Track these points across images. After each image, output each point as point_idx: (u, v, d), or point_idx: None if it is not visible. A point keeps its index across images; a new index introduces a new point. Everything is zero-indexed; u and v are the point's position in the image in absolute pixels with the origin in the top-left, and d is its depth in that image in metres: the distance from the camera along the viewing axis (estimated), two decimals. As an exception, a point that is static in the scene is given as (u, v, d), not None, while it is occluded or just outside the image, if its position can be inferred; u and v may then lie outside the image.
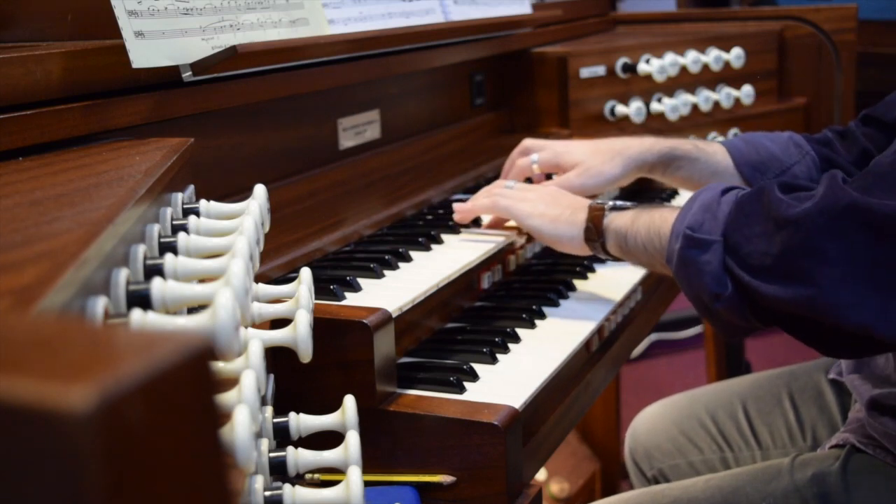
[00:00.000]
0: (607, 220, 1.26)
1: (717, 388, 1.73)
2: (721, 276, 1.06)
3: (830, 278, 0.98)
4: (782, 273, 1.01)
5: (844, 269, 0.97)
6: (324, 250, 1.27)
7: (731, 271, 1.05)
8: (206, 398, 0.37)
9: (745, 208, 1.07)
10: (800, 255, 1.00)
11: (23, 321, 0.41)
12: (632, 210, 1.25)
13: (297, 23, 1.34)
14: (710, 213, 1.09)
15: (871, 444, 1.28)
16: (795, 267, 1.00)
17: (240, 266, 0.66)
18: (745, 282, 1.04)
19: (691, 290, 1.10)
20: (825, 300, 0.98)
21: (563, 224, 1.30)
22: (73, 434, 0.31)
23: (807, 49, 2.25)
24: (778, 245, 1.01)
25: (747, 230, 1.05)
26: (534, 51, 2.02)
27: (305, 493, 0.73)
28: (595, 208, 1.28)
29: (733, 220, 1.06)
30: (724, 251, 1.06)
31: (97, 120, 1.04)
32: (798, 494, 1.27)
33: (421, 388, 1.08)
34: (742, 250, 1.04)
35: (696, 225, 1.08)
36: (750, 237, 1.04)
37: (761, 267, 1.02)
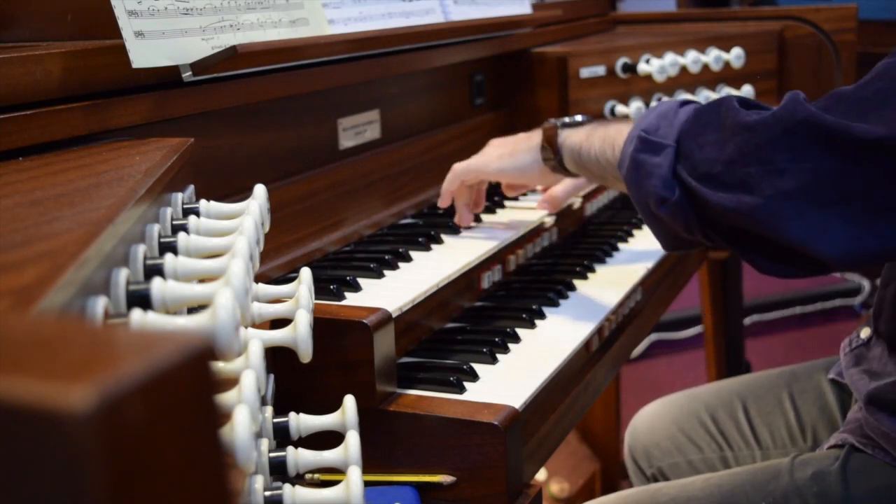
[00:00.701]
0: (561, 137, 1.29)
1: (717, 386, 1.73)
2: (670, 181, 1.07)
3: (776, 189, 0.98)
4: (730, 181, 1.02)
5: (791, 182, 0.97)
6: (324, 250, 1.27)
7: (680, 177, 1.06)
8: (206, 398, 0.37)
9: (703, 118, 1.08)
10: (749, 163, 1.00)
11: (23, 321, 0.41)
12: (586, 125, 1.29)
13: (297, 23, 1.34)
14: (667, 119, 1.11)
15: (870, 444, 1.28)
16: (743, 175, 1.01)
17: (240, 266, 0.66)
18: (693, 188, 1.05)
19: (639, 193, 1.12)
20: (768, 211, 0.99)
21: (520, 153, 1.35)
22: (73, 434, 0.31)
23: (807, 49, 2.25)
24: (729, 151, 1.02)
25: (701, 138, 1.06)
26: (534, 51, 2.02)
27: (305, 493, 0.73)
28: (548, 127, 1.32)
29: (689, 127, 1.08)
30: (675, 156, 1.07)
31: (97, 120, 1.04)
32: (798, 494, 1.27)
33: (421, 388, 1.08)
34: (694, 157, 1.06)
35: (651, 129, 1.10)
36: (703, 144, 1.05)
37: (710, 174, 1.04)
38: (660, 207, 1.08)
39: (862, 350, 1.34)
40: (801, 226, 0.98)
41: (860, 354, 1.35)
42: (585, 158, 1.24)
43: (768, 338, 3.66)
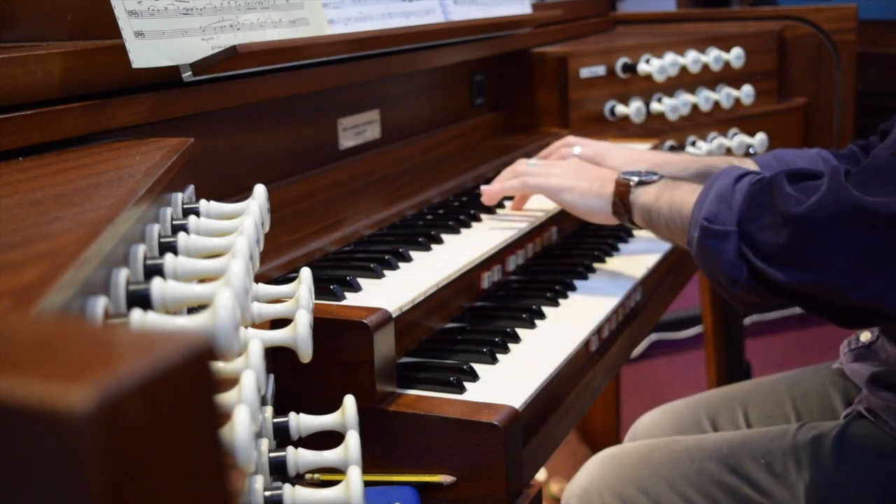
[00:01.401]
0: (633, 196, 1.34)
1: (718, 393, 1.73)
2: (737, 263, 1.14)
3: (834, 267, 1.07)
4: (791, 261, 1.10)
5: (846, 259, 1.06)
6: (324, 250, 1.27)
7: (746, 258, 1.14)
8: (206, 398, 0.37)
9: (757, 199, 1.15)
10: (805, 247, 1.09)
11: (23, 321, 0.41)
12: (656, 185, 1.32)
13: (297, 23, 1.34)
14: (725, 202, 1.17)
15: (873, 414, 1.34)
16: (802, 257, 1.09)
17: (240, 266, 0.66)
18: (759, 268, 1.12)
19: (711, 275, 1.19)
20: (830, 285, 1.08)
21: (592, 197, 1.39)
22: (73, 434, 0.31)
23: (807, 49, 2.25)
24: (785, 237, 1.10)
25: (759, 221, 1.13)
26: (534, 51, 2.02)
27: (305, 493, 0.73)
28: (621, 183, 1.36)
29: (746, 210, 1.15)
30: (738, 240, 1.14)
31: (97, 120, 1.04)
32: (794, 455, 1.33)
33: (421, 388, 1.08)
34: (755, 239, 1.13)
35: (713, 216, 1.17)
36: (762, 227, 1.13)
37: (772, 255, 1.11)
38: (732, 287, 1.16)
39: (863, 351, 1.36)
40: (865, 292, 1.07)
41: (860, 354, 1.36)
42: (655, 222, 1.31)
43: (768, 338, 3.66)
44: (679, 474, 1.37)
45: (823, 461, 1.31)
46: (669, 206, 1.27)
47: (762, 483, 1.32)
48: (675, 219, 1.26)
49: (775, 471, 1.32)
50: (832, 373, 1.59)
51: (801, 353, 3.55)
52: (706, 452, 1.38)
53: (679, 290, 1.70)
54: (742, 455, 1.36)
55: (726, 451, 1.37)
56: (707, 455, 1.38)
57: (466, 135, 1.91)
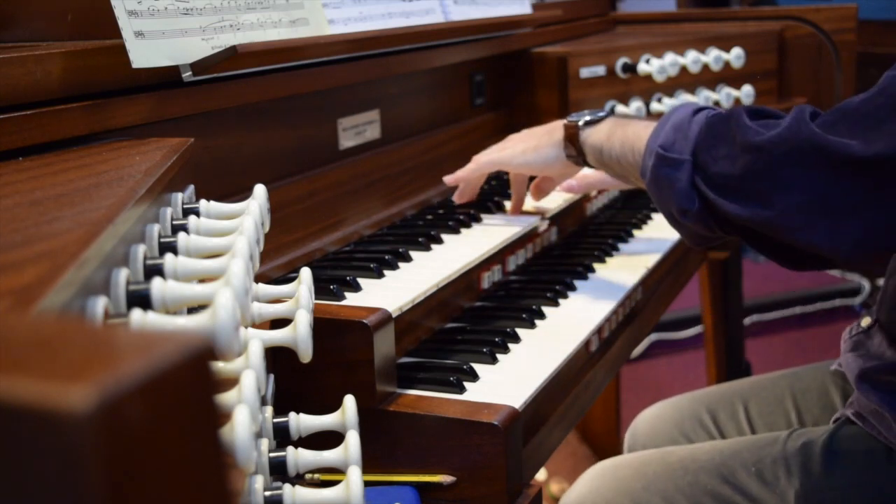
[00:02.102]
0: (583, 136, 1.35)
1: (718, 388, 1.73)
2: (689, 193, 1.14)
3: (785, 203, 1.06)
4: (743, 193, 1.09)
5: (798, 196, 1.05)
6: (324, 250, 1.27)
7: (698, 188, 1.13)
8: (206, 398, 0.37)
9: (714, 129, 1.14)
10: (759, 179, 1.08)
11: (23, 321, 0.41)
12: (605, 123, 1.33)
13: (297, 23, 1.34)
14: (682, 132, 1.16)
15: (861, 419, 1.33)
16: (755, 189, 1.08)
17: (240, 266, 0.66)
18: (711, 198, 1.12)
19: (662, 205, 1.19)
20: (779, 222, 1.07)
21: (544, 149, 1.41)
22: (73, 434, 0.31)
23: (807, 49, 2.25)
24: (740, 167, 1.09)
25: (714, 151, 1.12)
26: (534, 51, 2.02)
27: (305, 493, 0.73)
28: (569, 126, 1.36)
29: (702, 140, 1.14)
30: (692, 169, 1.14)
31: (97, 120, 1.04)
32: (784, 463, 1.33)
33: (421, 388, 1.08)
34: (709, 170, 1.12)
35: (668, 144, 1.16)
36: (716, 158, 1.12)
37: (725, 186, 1.11)
38: (682, 217, 1.16)
39: (861, 337, 1.36)
40: (811, 233, 1.05)
41: (859, 341, 1.36)
42: (607, 159, 1.31)
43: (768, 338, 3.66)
44: (673, 486, 1.36)
45: (813, 468, 1.30)
46: (622, 142, 1.27)
47: (754, 492, 1.32)
48: (628, 154, 1.25)
49: (766, 479, 1.32)
50: (832, 372, 1.59)
51: (801, 353, 3.55)
52: (699, 463, 1.38)
53: (679, 290, 1.70)
54: (734, 464, 1.35)
55: (719, 461, 1.37)
56: (700, 466, 1.37)
57: (466, 135, 1.91)
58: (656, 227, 1.75)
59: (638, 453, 1.48)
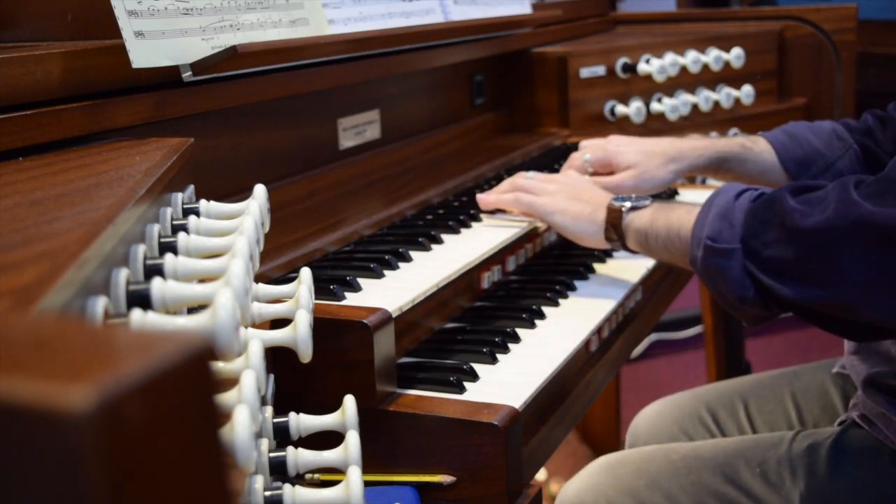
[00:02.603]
0: (626, 221, 1.32)
1: (719, 386, 1.73)
2: (743, 280, 1.13)
3: (843, 282, 1.05)
4: (799, 276, 1.08)
5: (856, 275, 1.04)
6: (324, 250, 1.27)
7: (752, 275, 1.12)
8: (206, 398, 0.37)
9: (760, 215, 1.13)
10: (814, 262, 1.07)
11: (23, 321, 0.41)
12: (649, 209, 1.30)
13: (297, 23, 1.34)
14: (727, 220, 1.15)
15: (867, 422, 1.33)
16: (810, 272, 1.07)
17: (240, 266, 0.66)
18: (766, 284, 1.11)
19: (717, 293, 1.18)
20: (840, 301, 1.06)
21: (583, 222, 1.37)
22: (73, 434, 0.31)
23: (807, 49, 2.25)
24: (793, 251, 1.08)
25: (763, 236, 1.11)
26: (534, 51, 2.02)
27: (305, 493, 0.73)
28: (613, 209, 1.33)
29: (749, 227, 1.13)
30: (743, 257, 1.12)
31: (97, 120, 1.04)
32: (789, 464, 1.32)
33: (421, 388, 1.08)
34: (760, 255, 1.11)
35: (715, 234, 1.15)
36: (766, 243, 1.11)
37: (779, 270, 1.10)
38: (740, 303, 1.15)
39: None
40: (875, 308, 1.05)
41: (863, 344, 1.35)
42: (652, 246, 1.29)
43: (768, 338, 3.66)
44: (675, 485, 1.36)
45: (818, 470, 1.30)
46: (667, 229, 1.25)
47: (757, 493, 1.31)
48: (674, 240, 1.24)
49: (770, 480, 1.31)
50: (832, 374, 1.59)
51: (801, 353, 3.55)
52: (702, 461, 1.37)
53: (679, 290, 1.69)
54: (738, 464, 1.35)
55: (722, 460, 1.36)
56: (703, 464, 1.37)
57: (466, 135, 1.91)
58: (656, 227, 1.75)
59: (639, 449, 1.48)
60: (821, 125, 1.56)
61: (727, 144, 1.55)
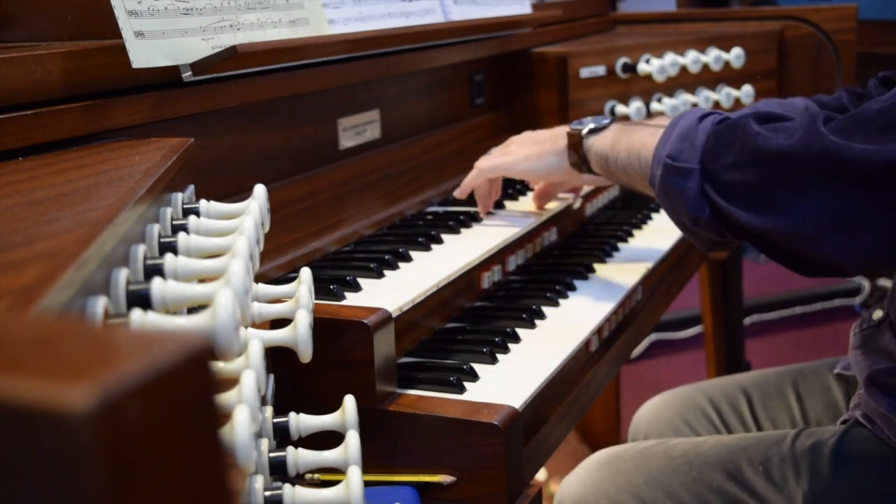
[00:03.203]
0: (587, 144, 1.34)
1: (722, 380, 1.73)
2: (699, 201, 1.13)
3: (799, 213, 1.04)
4: (756, 202, 1.08)
5: (813, 207, 1.03)
6: (324, 250, 1.27)
7: (709, 196, 1.12)
8: (206, 398, 0.37)
9: (722, 138, 1.12)
10: (773, 189, 1.06)
11: (23, 321, 0.41)
12: (610, 131, 1.32)
13: (297, 23, 1.34)
14: (689, 141, 1.15)
15: (870, 421, 1.32)
16: (768, 198, 1.07)
17: (240, 266, 0.66)
18: (722, 206, 1.11)
19: (673, 213, 1.18)
20: (793, 231, 1.06)
21: (547, 156, 1.39)
22: (73, 434, 0.31)
23: (807, 49, 2.25)
24: (753, 175, 1.08)
25: (723, 159, 1.11)
26: (534, 51, 2.02)
27: (305, 493, 0.73)
28: (572, 134, 1.35)
29: (710, 148, 1.13)
30: (701, 178, 1.12)
31: (97, 120, 1.04)
32: (793, 463, 1.32)
33: (421, 388, 1.08)
34: (719, 178, 1.11)
35: (676, 153, 1.15)
36: (726, 166, 1.10)
37: (736, 194, 1.09)
38: (694, 225, 1.15)
39: (871, 332, 1.35)
40: (825, 244, 1.05)
41: (869, 336, 1.35)
42: (612, 167, 1.30)
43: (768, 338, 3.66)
44: (676, 481, 1.35)
45: (821, 470, 1.29)
46: (627, 151, 1.25)
47: (760, 491, 1.31)
48: (634, 163, 1.24)
49: (773, 478, 1.31)
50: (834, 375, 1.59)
51: (802, 352, 3.55)
52: (703, 458, 1.37)
53: (679, 290, 1.70)
54: (740, 461, 1.34)
55: (724, 457, 1.36)
56: (704, 461, 1.36)
57: (466, 135, 1.91)
58: (656, 228, 1.75)
59: (639, 443, 1.47)
60: (792, 101, 1.56)
61: None
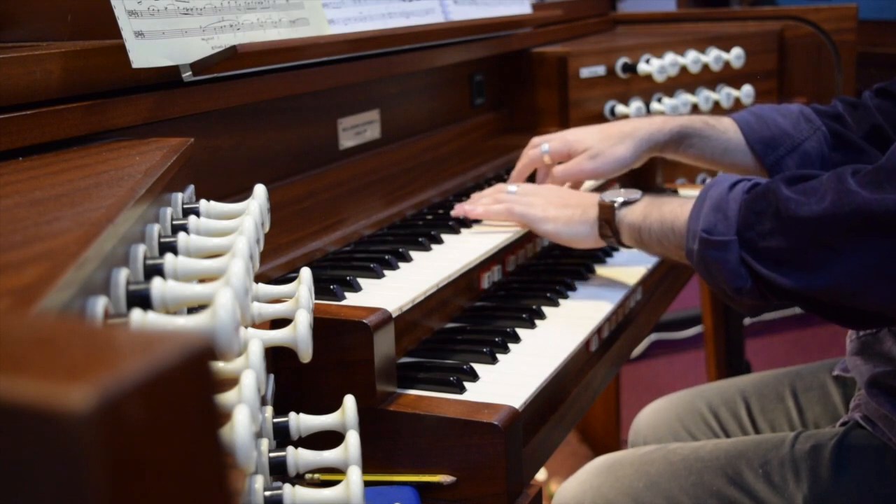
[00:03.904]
0: (619, 216, 1.31)
1: (720, 384, 1.73)
2: (740, 271, 1.13)
3: (842, 271, 1.05)
4: (796, 266, 1.08)
5: (854, 264, 1.04)
6: (324, 250, 1.27)
7: (749, 265, 1.12)
8: (206, 398, 0.37)
9: (754, 206, 1.12)
10: (811, 252, 1.07)
11: (23, 321, 0.41)
12: (641, 203, 1.30)
13: (297, 23, 1.34)
14: (722, 213, 1.15)
15: (870, 423, 1.32)
16: (807, 260, 1.07)
17: (240, 266, 0.66)
18: (762, 274, 1.11)
19: (714, 285, 1.18)
20: (839, 289, 1.06)
21: (576, 224, 1.36)
22: (73, 434, 0.31)
23: (807, 49, 2.25)
24: (789, 241, 1.08)
25: (759, 227, 1.11)
26: (534, 51, 2.02)
27: (305, 493, 0.73)
28: (605, 206, 1.33)
29: (744, 218, 1.13)
30: (739, 248, 1.12)
31: (97, 120, 1.04)
32: (793, 465, 1.31)
33: (421, 388, 1.08)
34: (757, 246, 1.11)
35: (710, 227, 1.15)
36: (762, 234, 1.11)
37: (775, 260, 1.10)
38: (737, 294, 1.15)
39: (869, 339, 1.35)
40: (874, 297, 1.05)
41: (867, 343, 1.35)
42: (646, 240, 1.29)
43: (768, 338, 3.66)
44: (676, 486, 1.35)
45: (821, 472, 1.29)
46: (661, 223, 1.25)
47: (760, 494, 1.31)
48: (668, 234, 1.24)
49: (773, 481, 1.31)
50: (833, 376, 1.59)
51: (801, 353, 3.55)
52: (703, 462, 1.37)
53: (679, 290, 1.70)
54: (740, 464, 1.34)
55: (724, 461, 1.36)
56: (703, 465, 1.36)
57: (466, 135, 1.91)
58: (656, 227, 1.75)
59: (639, 449, 1.47)
60: (788, 107, 1.55)
61: (689, 120, 1.53)
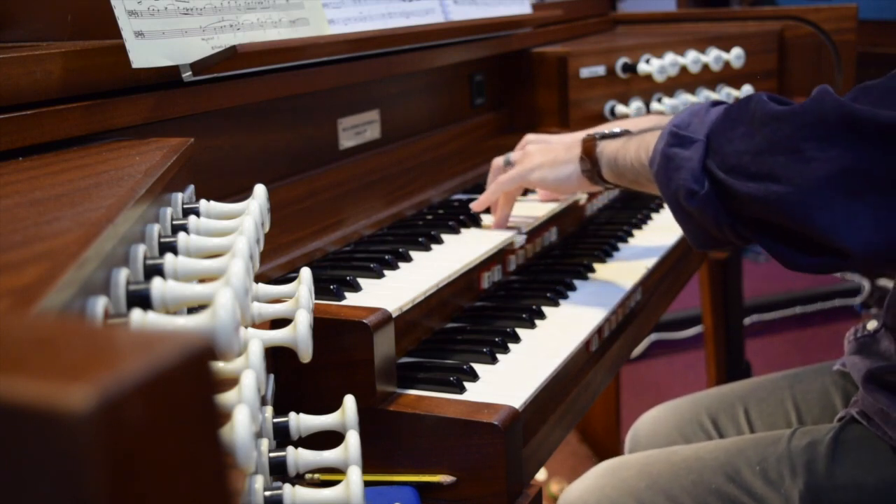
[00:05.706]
0: (599, 147, 1.31)
1: (719, 391, 1.73)
2: (699, 174, 1.10)
3: (804, 178, 1.00)
4: (758, 171, 1.04)
5: (819, 171, 0.99)
6: (324, 250, 1.27)
7: (710, 170, 1.09)
8: (206, 398, 0.37)
9: (733, 113, 1.11)
10: (778, 152, 1.02)
11: (23, 321, 0.41)
12: (623, 136, 1.30)
13: (297, 23, 1.34)
14: (698, 116, 1.13)
15: (866, 418, 1.32)
16: (772, 164, 1.03)
17: (240, 266, 0.66)
18: (722, 179, 1.07)
19: (669, 187, 1.14)
20: (795, 199, 1.00)
21: (561, 164, 1.36)
22: (73, 434, 0.31)
23: (807, 49, 2.25)
24: (758, 142, 1.05)
25: (731, 132, 1.09)
26: (534, 51, 2.02)
27: (305, 493, 0.73)
28: (587, 139, 1.33)
29: (720, 122, 1.11)
30: (705, 150, 1.10)
31: (97, 120, 1.04)
32: (789, 461, 1.31)
33: (421, 388, 1.08)
34: (723, 150, 1.08)
35: (683, 124, 1.13)
36: (732, 138, 1.08)
37: (739, 165, 1.06)
38: (689, 201, 1.11)
39: (867, 340, 1.35)
40: (827, 215, 0.99)
41: (865, 344, 1.35)
42: (621, 165, 1.27)
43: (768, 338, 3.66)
44: (677, 485, 1.36)
45: (817, 467, 1.30)
46: (637, 146, 1.23)
47: (758, 491, 1.31)
48: (641, 154, 1.21)
49: (770, 478, 1.31)
50: (833, 373, 1.59)
51: (801, 353, 3.55)
52: (703, 462, 1.37)
53: (679, 290, 1.70)
54: (739, 463, 1.35)
55: (724, 460, 1.36)
56: (704, 465, 1.37)
57: (466, 135, 1.91)
58: (656, 228, 1.75)
59: (641, 453, 1.48)
60: None
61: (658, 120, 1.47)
